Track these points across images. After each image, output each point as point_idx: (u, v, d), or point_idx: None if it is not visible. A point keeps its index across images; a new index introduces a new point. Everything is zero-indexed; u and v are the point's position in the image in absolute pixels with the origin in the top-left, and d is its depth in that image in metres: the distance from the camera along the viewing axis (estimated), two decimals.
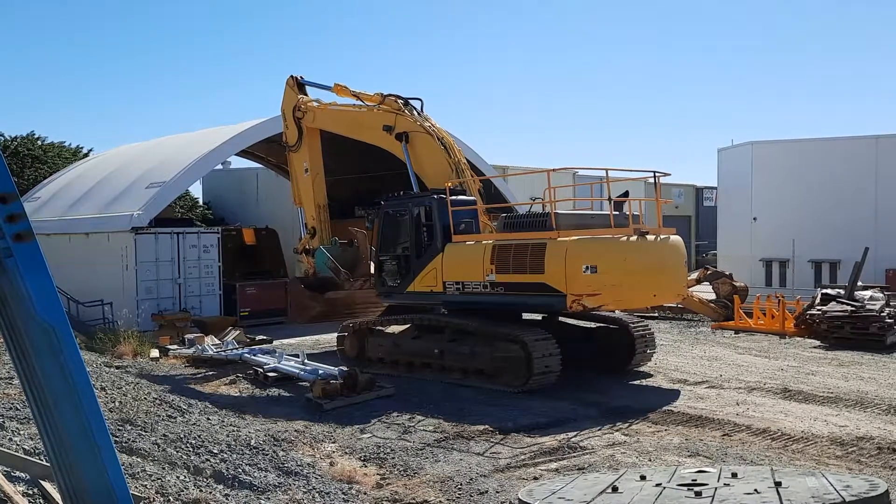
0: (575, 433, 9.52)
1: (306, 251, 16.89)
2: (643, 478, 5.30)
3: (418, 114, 15.28)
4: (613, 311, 13.87)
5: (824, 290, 19.21)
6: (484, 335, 12.72)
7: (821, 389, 12.04)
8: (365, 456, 8.74)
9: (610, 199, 12.51)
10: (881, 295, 18.46)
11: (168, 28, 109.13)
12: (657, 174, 13.14)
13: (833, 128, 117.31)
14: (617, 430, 9.68)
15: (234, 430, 9.31)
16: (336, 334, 15.41)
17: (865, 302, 17.55)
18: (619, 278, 11.90)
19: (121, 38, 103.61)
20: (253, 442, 8.68)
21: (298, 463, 8.13)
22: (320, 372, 12.33)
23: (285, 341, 17.85)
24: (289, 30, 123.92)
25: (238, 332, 17.37)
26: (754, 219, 26.93)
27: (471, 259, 12.92)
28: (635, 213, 13.19)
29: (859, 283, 18.77)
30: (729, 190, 29.38)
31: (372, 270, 15.24)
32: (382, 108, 15.49)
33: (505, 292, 12.43)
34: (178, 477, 7.09)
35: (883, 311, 17.14)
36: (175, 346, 16.27)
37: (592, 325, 14.60)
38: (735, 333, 18.63)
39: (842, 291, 18.49)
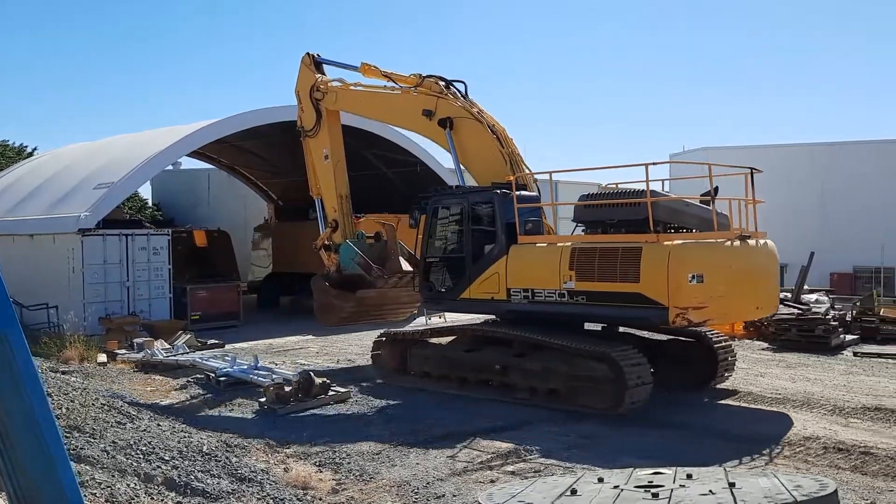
0: (533, 436, 9.54)
1: (326, 247, 15.29)
2: (601, 480, 5.34)
3: (463, 97, 13.76)
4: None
5: None
6: (560, 350, 11.08)
7: (769, 391, 12.29)
8: (320, 461, 8.65)
9: (712, 196, 10.89)
10: (826, 298, 19.03)
11: (118, 24, 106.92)
12: (753, 170, 11.58)
13: (791, 134, 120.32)
14: (574, 433, 9.74)
15: (185, 437, 9.13)
16: (298, 336, 14.94)
17: (812, 305, 18.06)
18: (725, 289, 10.47)
19: (66, 33, 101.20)
20: (205, 448, 8.52)
21: (252, 469, 8.00)
22: (274, 376, 12.18)
23: (238, 345, 17.59)
24: (246, 30, 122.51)
25: (189, 336, 17.04)
26: None
27: (543, 263, 11.37)
28: (723, 212, 11.30)
29: (805, 287, 19.29)
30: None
31: (404, 269, 14.04)
32: (420, 90, 13.89)
33: (587, 302, 10.89)
34: (128, 485, 6.92)
35: (828, 315, 17.67)
36: (123, 351, 15.90)
37: (663, 337, 13.10)
38: None
39: (789, 295, 18.96)
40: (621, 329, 12.36)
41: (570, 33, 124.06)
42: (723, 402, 11.57)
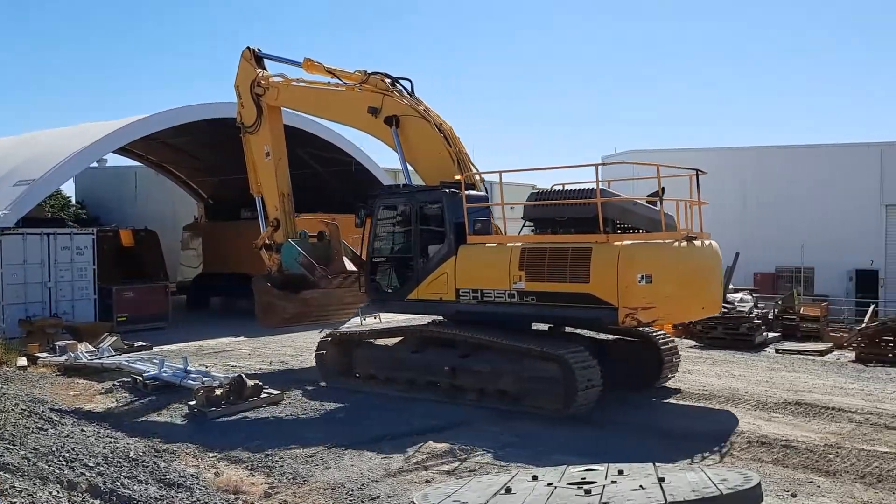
0: (469, 436, 9.57)
1: (267, 246, 14.91)
2: (535, 478, 5.41)
3: (410, 95, 13.54)
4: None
5: None
6: (508, 351, 11.01)
7: (696, 387, 12.63)
8: (252, 465, 8.50)
9: (660, 197, 10.98)
10: (750, 297, 19.66)
11: (41, 14, 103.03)
12: (698, 172, 11.70)
13: (713, 139, 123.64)
14: (509, 432, 9.81)
15: (111, 442, 8.86)
16: (229, 338, 14.59)
17: (736, 304, 18.64)
18: (673, 289, 10.54)
19: None
20: (132, 454, 8.28)
21: (181, 474, 7.82)
22: (204, 379, 11.93)
23: (167, 347, 17.17)
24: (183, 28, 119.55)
25: (114, 338, 16.57)
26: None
27: (493, 264, 11.27)
28: (669, 213, 11.36)
29: (730, 287, 19.88)
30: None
31: (348, 269, 13.74)
32: (366, 87, 13.67)
33: (537, 303, 10.87)
34: (50, 492, 6.66)
35: (752, 313, 18.31)
36: (45, 354, 15.35)
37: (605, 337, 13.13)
38: None
39: None
40: (567, 329, 12.38)
41: (508, 28, 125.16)
42: (653, 399, 11.83)
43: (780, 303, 21.78)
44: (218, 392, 11.12)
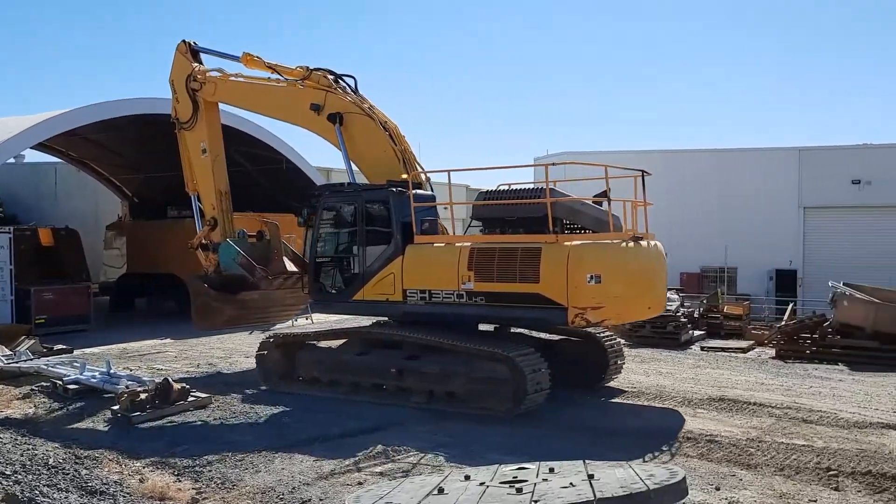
0: (402, 436, 9.53)
1: (204, 246, 14.48)
2: (468, 478, 5.42)
3: (353, 92, 13.34)
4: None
5: None
6: (460, 353, 10.90)
7: (625, 385, 12.89)
8: (178, 470, 8.28)
9: (608, 198, 11.09)
10: (676, 297, 20.17)
11: None
12: (644, 173, 11.75)
13: (643, 142, 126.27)
14: (442, 432, 9.81)
15: (29, 449, 8.52)
16: (155, 340, 14.14)
17: None
18: (621, 289, 10.58)
19: None
20: (51, 461, 7.99)
21: (104, 481, 7.58)
22: (128, 382, 11.58)
23: (89, 350, 16.60)
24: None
25: (33, 341, 15.96)
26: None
27: (441, 264, 11.15)
28: (615, 213, 11.45)
29: None
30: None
31: (288, 269, 13.38)
32: (308, 83, 13.41)
33: (486, 303, 10.81)
34: None
35: (678, 312, 18.80)
36: None
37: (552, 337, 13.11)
38: None
39: None
40: (512, 329, 12.33)
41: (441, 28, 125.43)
42: (585, 397, 12.01)
43: (705, 302, 22.47)
44: (143, 396, 10.80)
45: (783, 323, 18.42)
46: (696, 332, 19.41)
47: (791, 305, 21.96)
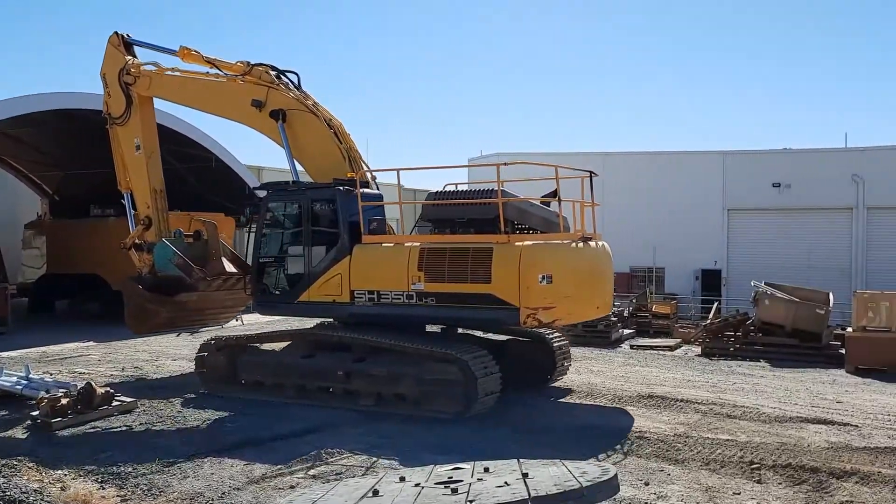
0: (335, 438, 9.43)
1: (137, 246, 13.97)
2: (403, 479, 5.39)
3: (297, 88, 13.08)
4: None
5: None
6: (408, 354, 10.81)
7: (557, 383, 13.04)
8: (102, 477, 8.00)
9: (559, 199, 11.09)
10: None
11: None
12: (591, 174, 11.85)
13: (577, 144, 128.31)
14: (376, 433, 9.74)
15: None
16: (77, 343, 13.62)
17: None
18: (572, 290, 10.65)
19: None
20: None
21: (23, 490, 7.28)
22: (48, 388, 11.14)
23: (6, 354, 15.94)
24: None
25: None
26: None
27: (390, 264, 11.02)
28: (565, 215, 11.50)
29: None
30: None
31: (227, 270, 13.02)
32: (248, 79, 13.04)
33: (437, 304, 10.70)
34: None
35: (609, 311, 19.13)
36: None
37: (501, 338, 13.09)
38: None
39: None
40: (460, 330, 12.26)
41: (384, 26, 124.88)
42: (517, 395, 12.11)
43: (634, 301, 22.98)
44: (64, 401, 10.40)
45: (708, 321, 19.00)
46: (626, 331, 19.84)
47: (716, 304, 22.69)
